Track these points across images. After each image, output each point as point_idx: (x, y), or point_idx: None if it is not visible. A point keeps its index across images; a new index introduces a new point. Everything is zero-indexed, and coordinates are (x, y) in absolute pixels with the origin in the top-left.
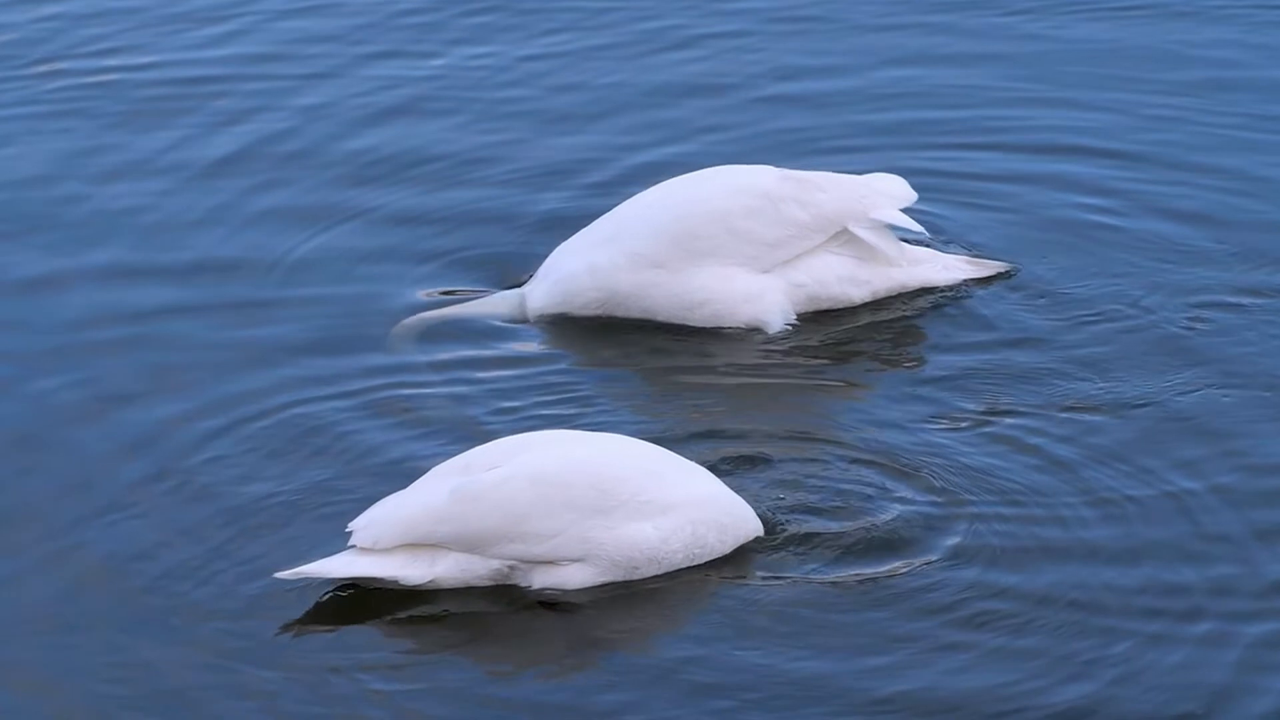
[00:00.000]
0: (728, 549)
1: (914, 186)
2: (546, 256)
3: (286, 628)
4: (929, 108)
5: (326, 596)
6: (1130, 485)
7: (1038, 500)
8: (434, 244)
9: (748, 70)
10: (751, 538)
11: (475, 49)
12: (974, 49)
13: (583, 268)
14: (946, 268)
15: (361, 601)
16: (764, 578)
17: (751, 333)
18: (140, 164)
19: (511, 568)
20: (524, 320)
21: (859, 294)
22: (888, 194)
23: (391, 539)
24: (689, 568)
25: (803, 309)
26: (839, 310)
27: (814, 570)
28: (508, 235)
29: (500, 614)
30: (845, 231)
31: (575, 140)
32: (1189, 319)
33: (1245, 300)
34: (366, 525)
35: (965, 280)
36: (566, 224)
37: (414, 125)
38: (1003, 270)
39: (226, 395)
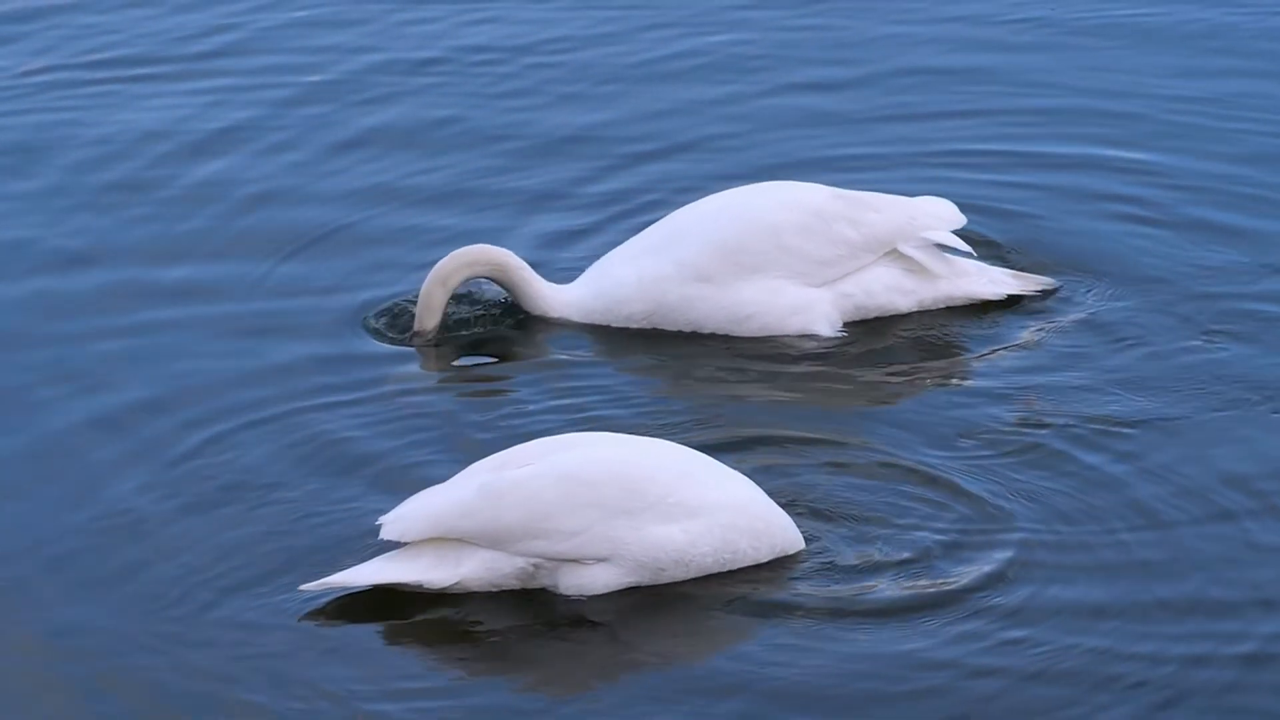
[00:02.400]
0: (763, 557)
1: (937, 184)
2: (542, 244)
3: (299, 641)
4: (944, 108)
5: (347, 608)
6: (1176, 503)
7: (1081, 520)
8: (434, 230)
9: (756, 66)
10: (790, 549)
11: (475, 38)
12: (988, 47)
13: (630, 277)
14: (992, 281)
15: (379, 613)
16: (798, 595)
17: (799, 342)
18: (126, 149)
19: (536, 567)
20: (564, 318)
21: (905, 303)
22: (938, 216)
23: (419, 532)
24: (724, 580)
25: (850, 318)
26: (885, 323)
27: (850, 587)
28: (503, 220)
29: (520, 637)
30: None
31: (574, 129)
32: (1231, 329)
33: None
34: (396, 519)
35: (1010, 294)
36: (562, 214)
37: (411, 110)
38: (1048, 286)
39: (222, 398)
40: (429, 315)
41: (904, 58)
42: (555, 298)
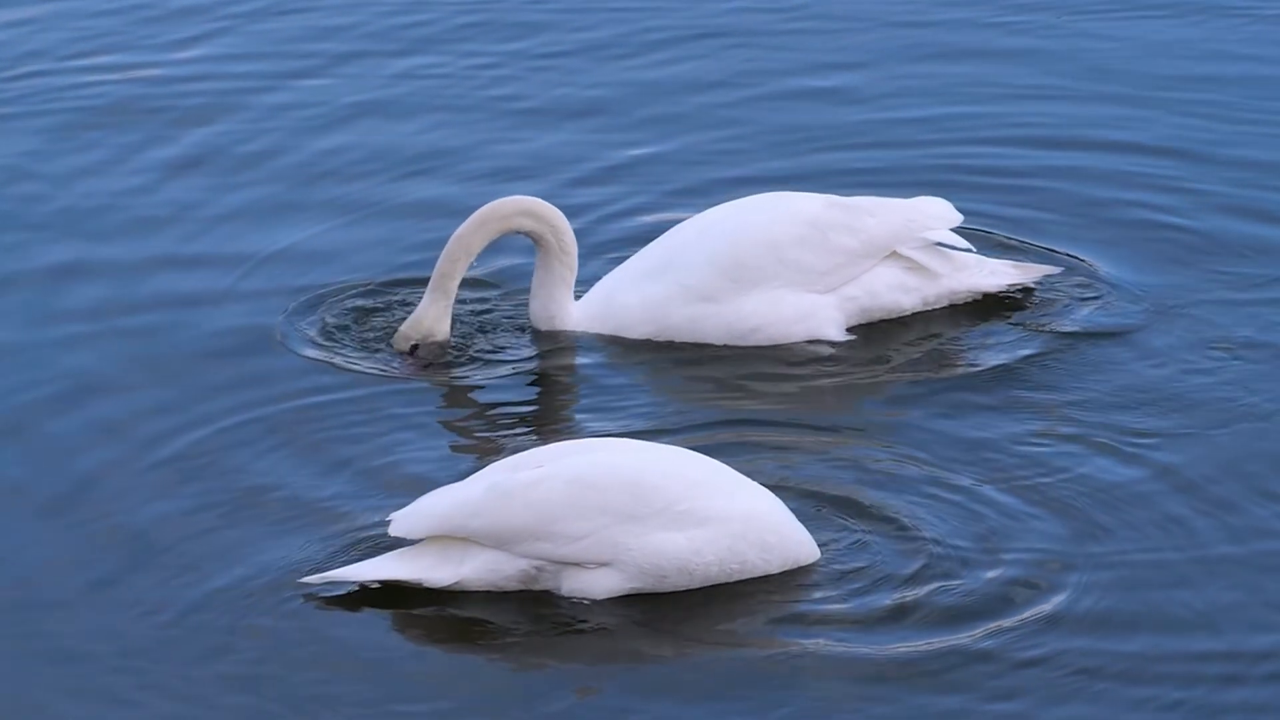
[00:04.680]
0: (774, 569)
1: (949, 184)
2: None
3: (296, 634)
4: (952, 104)
5: (347, 604)
6: (1204, 515)
7: (1107, 531)
8: (419, 237)
9: (763, 67)
10: (804, 561)
11: (461, 47)
12: (993, 45)
13: (634, 302)
14: (994, 273)
15: (379, 610)
16: (809, 615)
17: (808, 348)
18: (103, 164)
19: (539, 569)
20: (566, 329)
21: (909, 301)
22: (935, 216)
23: (426, 529)
24: (737, 593)
25: (855, 321)
26: (892, 325)
27: (863, 603)
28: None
29: (519, 638)
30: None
31: (555, 138)
32: (1254, 319)
33: None
34: (404, 516)
35: (1012, 285)
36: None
37: (407, 121)
38: (1049, 273)
39: (192, 390)
40: (448, 278)
41: (908, 49)
42: (568, 307)
